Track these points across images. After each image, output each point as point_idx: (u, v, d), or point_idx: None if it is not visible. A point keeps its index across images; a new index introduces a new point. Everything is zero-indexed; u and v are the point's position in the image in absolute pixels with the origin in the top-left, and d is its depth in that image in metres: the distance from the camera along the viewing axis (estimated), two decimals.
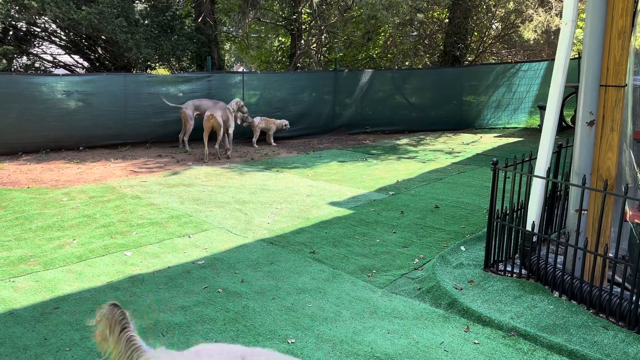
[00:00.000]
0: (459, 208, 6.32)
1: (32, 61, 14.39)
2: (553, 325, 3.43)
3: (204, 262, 4.65)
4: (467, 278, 4.19)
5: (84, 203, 6.52)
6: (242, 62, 24.05)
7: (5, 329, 3.44)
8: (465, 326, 3.50)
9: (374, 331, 3.45)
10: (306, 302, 3.88)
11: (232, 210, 6.29)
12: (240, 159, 9.95)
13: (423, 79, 13.96)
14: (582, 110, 3.72)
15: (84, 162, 9.33)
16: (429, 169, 8.77)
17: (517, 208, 4.31)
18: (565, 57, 3.95)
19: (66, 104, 10.27)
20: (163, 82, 11.22)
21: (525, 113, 13.85)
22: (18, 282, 4.16)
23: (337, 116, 13.30)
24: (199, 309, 3.75)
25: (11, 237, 5.22)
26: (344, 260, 4.72)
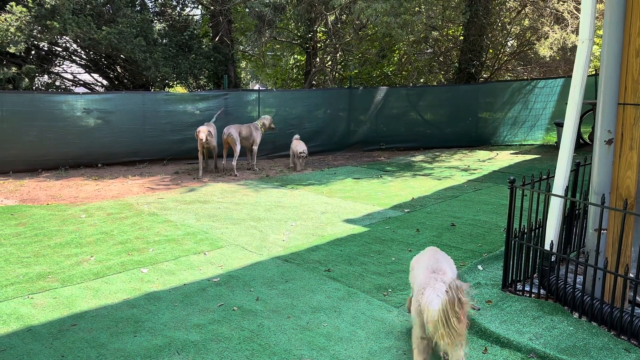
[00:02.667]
0: (475, 226, 6.27)
1: (53, 80, 14.73)
2: (573, 347, 3.36)
3: (219, 279, 4.66)
4: (484, 298, 4.13)
5: (102, 220, 6.60)
6: (258, 80, 24.32)
7: (24, 346, 3.47)
8: (484, 347, 3.44)
9: (390, 352, 3.41)
10: (321, 321, 3.86)
11: (247, 227, 6.31)
12: (256, 175, 10.01)
13: (438, 96, 13.96)
14: (600, 129, 3.69)
15: (102, 179, 9.46)
16: (444, 186, 8.72)
17: (535, 227, 4.26)
18: (582, 75, 3.93)
19: (85, 121, 10.46)
20: (181, 100, 11.39)
21: (542, 130, 13.74)
22: (36, 299, 4.21)
23: (351, 133, 13.33)
24: (214, 327, 3.75)
25: (30, 254, 5.29)
26: (359, 278, 4.69)
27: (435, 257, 3.26)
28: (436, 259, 3.22)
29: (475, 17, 14.31)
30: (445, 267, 3.14)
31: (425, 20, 13.01)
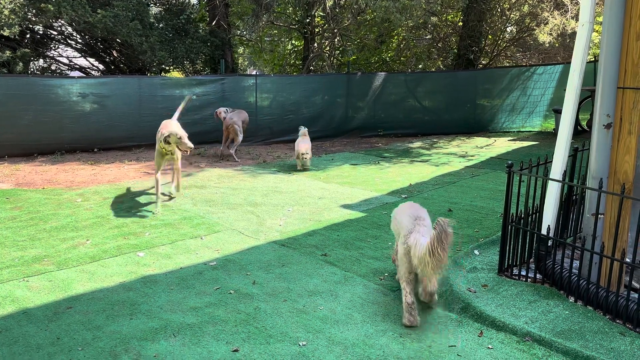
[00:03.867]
0: (472, 212, 6.27)
1: (49, 64, 14.59)
2: (568, 330, 3.37)
3: (215, 263, 4.65)
4: (480, 282, 4.14)
5: (98, 204, 6.57)
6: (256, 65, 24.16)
7: (19, 328, 3.46)
8: (479, 331, 3.45)
9: (386, 334, 3.42)
10: (318, 304, 3.86)
11: (244, 212, 6.29)
12: (253, 161, 9.97)
13: (436, 82, 13.89)
14: (599, 113, 3.66)
15: (99, 163, 9.42)
16: (442, 173, 8.71)
17: (532, 212, 4.26)
18: (581, 58, 3.89)
19: (81, 106, 10.39)
20: (177, 85, 11.30)
21: (540, 117, 13.71)
22: (32, 282, 4.20)
23: (349, 119, 13.28)
24: (210, 310, 3.75)
25: (26, 237, 5.27)
26: (355, 263, 4.69)
27: (414, 207, 3.88)
28: (416, 209, 3.84)
29: (474, 2, 14.20)
30: (424, 215, 3.77)
31: (424, 5, 12.89)
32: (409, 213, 3.75)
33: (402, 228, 3.70)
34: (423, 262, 3.29)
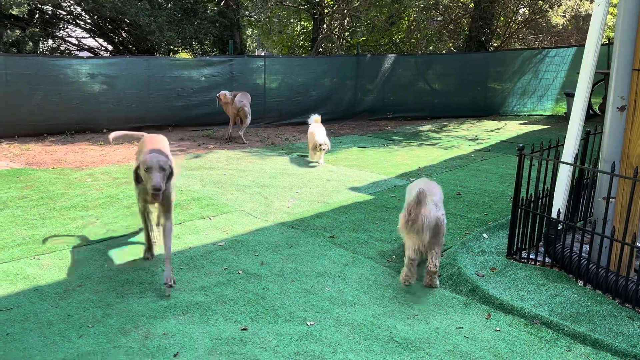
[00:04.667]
0: (481, 195, 6.23)
1: (58, 44, 14.58)
2: (577, 314, 3.36)
3: (224, 243, 4.67)
4: (489, 265, 4.13)
5: (108, 184, 6.61)
6: (264, 47, 24.00)
7: (30, 305, 3.51)
8: (487, 313, 3.45)
9: (393, 316, 3.43)
10: (325, 285, 3.87)
11: (252, 193, 6.30)
12: (261, 143, 9.96)
13: (447, 65, 13.74)
14: (612, 95, 3.60)
15: (108, 144, 9.44)
16: (451, 156, 8.66)
17: (542, 195, 4.22)
18: (597, 38, 3.82)
19: (90, 86, 10.39)
20: (185, 66, 11.26)
21: (552, 100, 13.55)
22: (43, 260, 4.24)
23: (358, 102, 13.20)
24: (219, 289, 3.77)
25: (36, 216, 5.32)
26: (363, 245, 4.69)
27: (428, 184, 4.06)
28: (427, 184, 4.00)
29: None
30: (435, 190, 3.97)
31: None
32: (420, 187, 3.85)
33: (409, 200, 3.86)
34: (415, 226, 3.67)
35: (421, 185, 3.88)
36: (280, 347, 3.04)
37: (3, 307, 3.47)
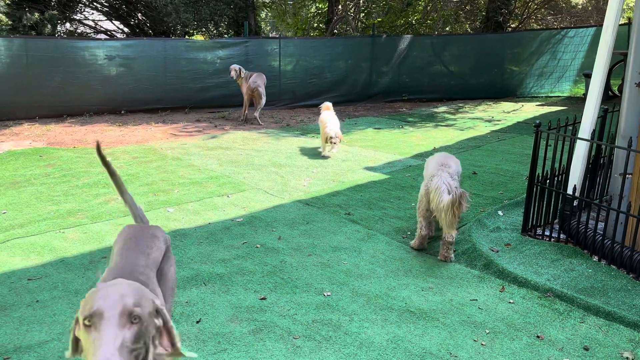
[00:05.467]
0: (497, 175, 6.25)
1: (75, 27, 14.73)
2: (591, 288, 3.41)
3: (242, 219, 4.77)
4: (504, 241, 4.17)
5: (128, 163, 6.74)
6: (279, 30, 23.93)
7: (58, 275, 3.64)
8: (501, 286, 3.51)
9: (408, 288, 3.50)
10: (341, 259, 3.96)
11: (268, 172, 6.38)
12: (276, 124, 10.02)
13: (463, 46, 13.61)
14: (631, 71, 3.59)
15: (126, 125, 9.58)
16: (467, 137, 8.64)
17: (558, 173, 4.24)
18: (615, 16, 3.79)
19: (108, 68, 10.51)
20: (201, 48, 11.32)
21: (570, 82, 13.38)
22: (68, 233, 4.38)
23: (373, 83, 13.16)
24: (238, 262, 3.87)
25: (60, 193, 5.46)
26: (378, 221, 4.76)
27: (444, 156, 4.23)
28: (444, 157, 4.20)
29: None
30: (451, 163, 4.09)
31: None
32: (437, 160, 4.14)
33: (428, 172, 4.10)
34: (438, 210, 3.81)
35: (446, 161, 4.07)
36: (299, 316, 3.14)
37: (33, 276, 3.61)
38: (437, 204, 3.77)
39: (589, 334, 2.96)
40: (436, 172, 3.91)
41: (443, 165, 3.98)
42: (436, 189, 3.79)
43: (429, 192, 3.87)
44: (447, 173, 3.88)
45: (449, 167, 3.98)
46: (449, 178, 3.84)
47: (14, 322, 3.04)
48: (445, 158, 4.16)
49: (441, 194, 3.74)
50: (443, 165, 3.98)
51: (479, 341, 2.89)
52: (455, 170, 4.03)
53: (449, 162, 4.04)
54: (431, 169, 4.04)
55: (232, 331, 2.97)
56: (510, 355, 2.77)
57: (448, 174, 3.88)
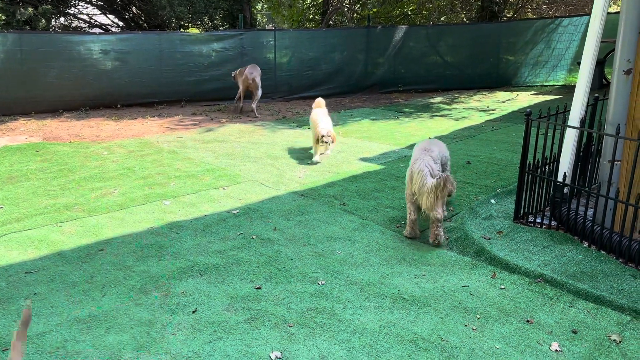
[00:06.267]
0: (491, 164, 6.30)
1: (69, 22, 14.67)
2: (581, 273, 3.46)
3: (238, 211, 4.82)
4: (496, 229, 4.23)
5: (124, 156, 6.77)
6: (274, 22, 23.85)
7: (55, 267, 3.69)
8: (492, 273, 3.57)
9: (401, 276, 3.56)
10: (336, 249, 4.01)
11: (264, 164, 6.42)
12: (272, 117, 10.04)
13: (459, 36, 13.60)
14: (619, 59, 3.63)
15: (122, 119, 9.60)
16: (462, 127, 8.68)
17: (549, 161, 4.29)
18: (603, 4, 3.83)
19: (103, 62, 10.50)
20: (196, 41, 11.31)
21: (564, 70, 13.40)
22: (65, 227, 4.43)
23: (369, 75, 13.17)
24: (234, 252, 3.93)
25: (56, 187, 5.50)
26: (373, 211, 4.81)
27: (428, 142, 4.39)
28: (428, 143, 4.35)
29: None
30: (434, 148, 4.24)
31: None
32: (421, 146, 4.27)
33: (413, 158, 4.23)
34: (420, 193, 3.95)
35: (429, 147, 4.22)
36: (293, 304, 3.19)
37: (30, 269, 3.66)
38: (420, 186, 3.92)
39: (578, 318, 3.02)
40: (419, 156, 4.11)
41: (426, 150, 4.16)
42: (419, 172, 3.95)
43: (412, 175, 4.03)
44: (429, 156, 4.06)
45: (432, 151, 4.17)
46: (431, 161, 4.03)
47: (12, 315, 3.09)
48: (429, 144, 4.33)
49: (424, 177, 3.90)
50: (426, 150, 4.16)
51: (469, 326, 2.95)
52: (438, 154, 4.20)
53: (431, 147, 4.23)
54: (416, 154, 4.22)
55: (228, 320, 3.02)
56: (500, 339, 2.83)
57: (430, 157, 4.09)
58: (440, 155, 4.25)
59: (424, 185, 3.89)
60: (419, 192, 3.96)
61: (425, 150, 4.18)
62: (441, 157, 4.29)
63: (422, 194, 3.92)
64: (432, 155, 4.11)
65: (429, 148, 4.20)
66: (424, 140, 4.52)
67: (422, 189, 3.91)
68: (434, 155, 4.13)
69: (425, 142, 4.40)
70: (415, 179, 3.97)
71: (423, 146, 4.28)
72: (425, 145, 4.28)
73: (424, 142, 4.43)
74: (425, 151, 4.15)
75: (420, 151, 4.19)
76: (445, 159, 4.44)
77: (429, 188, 3.84)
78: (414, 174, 4.01)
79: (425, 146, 4.27)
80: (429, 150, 4.17)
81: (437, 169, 4.02)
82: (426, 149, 4.18)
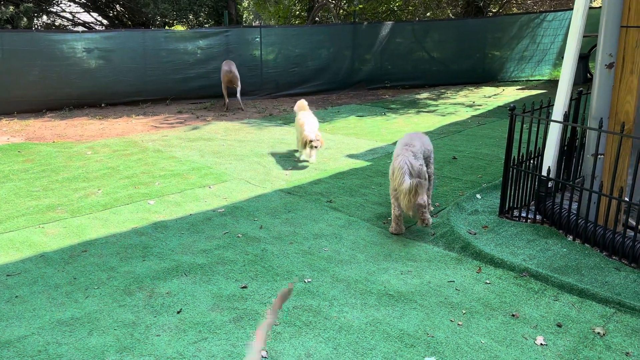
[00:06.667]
0: (476, 159, 6.32)
1: (52, 20, 14.48)
2: (565, 266, 3.48)
3: (224, 210, 4.78)
4: (481, 224, 4.24)
5: (108, 156, 6.70)
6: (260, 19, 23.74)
7: (37, 270, 3.64)
8: (478, 267, 3.58)
9: (388, 272, 3.55)
10: (322, 246, 3.99)
11: (250, 162, 6.39)
12: (259, 114, 9.99)
13: (445, 32, 13.64)
14: (601, 53, 3.65)
15: (106, 118, 9.50)
16: (448, 122, 8.70)
17: (534, 155, 4.30)
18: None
19: (87, 61, 10.38)
20: (181, 38, 11.21)
21: (550, 65, 13.50)
22: (47, 228, 4.36)
23: (356, 71, 13.16)
24: (219, 252, 3.89)
25: (39, 188, 5.42)
26: (360, 208, 4.80)
27: (410, 137, 4.32)
28: (411, 137, 4.29)
29: None
30: (416, 142, 4.17)
31: None
32: (403, 140, 4.26)
33: (395, 152, 4.20)
34: (398, 191, 3.99)
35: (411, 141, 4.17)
36: None
37: (11, 272, 3.60)
38: (398, 185, 3.93)
39: (563, 311, 3.04)
40: (400, 152, 4.07)
41: (407, 145, 4.11)
42: (399, 168, 3.94)
43: (394, 171, 4.03)
44: (410, 152, 4.02)
45: (413, 146, 4.10)
46: (412, 158, 3.99)
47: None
48: (411, 138, 4.26)
49: (403, 175, 3.89)
50: (407, 145, 4.11)
51: (455, 321, 2.95)
52: (419, 149, 4.14)
53: (413, 142, 4.17)
54: (397, 149, 4.18)
55: (213, 320, 3.00)
56: (485, 334, 2.84)
57: (412, 152, 4.02)
58: (422, 150, 4.21)
59: (401, 184, 3.89)
60: (397, 190, 3.97)
61: (407, 145, 4.13)
62: (424, 151, 4.24)
63: (400, 192, 3.94)
64: (413, 150, 4.06)
65: (411, 143, 4.15)
66: (407, 134, 4.45)
67: (399, 187, 3.92)
68: (415, 149, 4.07)
69: (407, 137, 4.33)
70: (395, 176, 3.97)
71: (405, 141, 4.23)
72: (407, 140, 4.22)
73: (407, 136, 4.38)
74: (406, 146, 4.10)
75: (401, 146, 4.16)
76: (428, 152, 4.40)
77: (405, 190, 3.86)
78: (395, 170, 4.00)
79: (407, 141, 4.21)
80: (411, 145, 4.12)
81: (419, 164, 3.99)
82: (408, 144, 4.13)
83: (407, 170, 3.90)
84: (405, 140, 4.26)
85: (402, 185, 3.88)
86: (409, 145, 4.13)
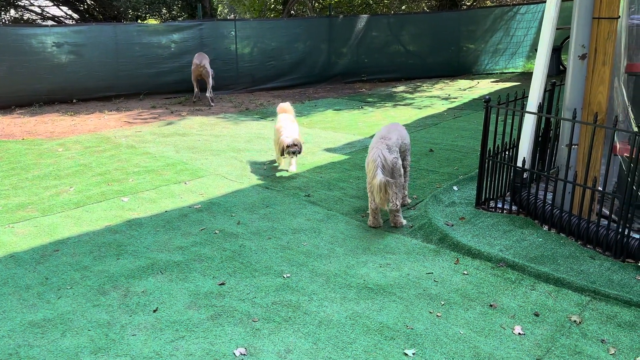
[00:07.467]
0: (453, 151, 6.35)
1: (20, 14, 14.08)
2: (541, 256, 3.52)
3: (200, 206, 4.71)
4: (458, 215, 4.26)
5: (80, 153, 6.54)
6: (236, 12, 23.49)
7: (7, 270, 3.52)
8: (455, 259, 3.59)
9: (367, 265, 3.54)
10: (301, 241, 3.97)
11: (227, 157, 6.31)
12: (235, 109, 9.89)
13: (420, 25, 13.69)
14: (574, 44, 3.69)
15: (78, 114, 9.28)
16: (424, 115, 8.74)
17: (509, 147, 4.34)
18: None
19: (57, 56, 10.12)
20: (154, 32, 11.01)
21: (523, 57, 13.67)
22: (17, 228, 4.24)
23: (332, 65, 13.12)
24: (196, 248, 3.83)
25: (8, 186, 5.26)
26: (338, 202, 4.78)
27: (386, 129, 4.27)
28: (387, 130, 4.25)
29: None
30: (392, 135, 4.15)
31: None
32: (380, 134, 4.22)
33: (370, 145, 4.18)
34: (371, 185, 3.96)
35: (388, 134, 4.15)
36: (258, 299, 3.14)
37: None
38: (371, 179, 3.92)
39: (539, 301, 3.07)
40: (375, 144, 4.05)
41: (383, 138, 4.09)
42: (372, 161, 3.92)
43: (368, 164, 4.02)
44: (385, 145, 3.99)
45: (389, 139, 4.08)
46: (387, 151, 3.96)
47: None
48: (388, 131, 4.23)
49: (376, 168, 3.87)
50: (383, 138, 4.09)
51: (434, 313, 2.96)
52: (396, 141, 4.12)
53: (389, 135, 4.14)
54: (373, 142, 4.17)
55: (190, 318, 2.94)
56: (464, 324, 2.85)
57: (386, 145, 3.99)
58: (399, 142, 4.19)
59: (373, 178, 3.87)
60: (371, 184, 3.95)
61: (383, 138, 4.10)
62: (400, 143, 4.22)
63: (373, 186, 3.91)
64: (388, 143, 4.02)
65: (387, 136, 4.12)
66: (385, 126, 4.42)
67: (372, 181, 3.90)
68: (390, 142, 4.04)
69: (385, 129, 4.29)
70: (369, 169, 3.97)
71: (382, 133, 4.20)
72: (384, 133, 4.19)
73: (384, 128, 4.34)
74: (382, 139, 4.08)
75: (377, 139, 4.13)
76: (405, 145, 4.38)
77: (377, 185, 3.84)
78: (369, 163, 3.99)
79: (383, 134, 4.18)
80: (386, 138, 4.09)
81: (393, 157, 3.96)
82: (384, 137, 4.10)
83: (380, 164, 3.88)
84: (382, 132, 4.23)
85: (374, 179, 3.86)
86: (384, 138, 4.11)
